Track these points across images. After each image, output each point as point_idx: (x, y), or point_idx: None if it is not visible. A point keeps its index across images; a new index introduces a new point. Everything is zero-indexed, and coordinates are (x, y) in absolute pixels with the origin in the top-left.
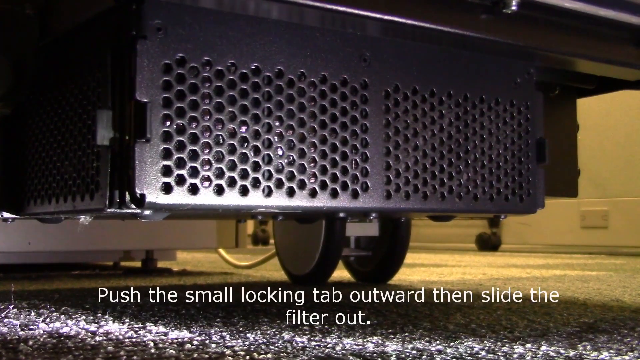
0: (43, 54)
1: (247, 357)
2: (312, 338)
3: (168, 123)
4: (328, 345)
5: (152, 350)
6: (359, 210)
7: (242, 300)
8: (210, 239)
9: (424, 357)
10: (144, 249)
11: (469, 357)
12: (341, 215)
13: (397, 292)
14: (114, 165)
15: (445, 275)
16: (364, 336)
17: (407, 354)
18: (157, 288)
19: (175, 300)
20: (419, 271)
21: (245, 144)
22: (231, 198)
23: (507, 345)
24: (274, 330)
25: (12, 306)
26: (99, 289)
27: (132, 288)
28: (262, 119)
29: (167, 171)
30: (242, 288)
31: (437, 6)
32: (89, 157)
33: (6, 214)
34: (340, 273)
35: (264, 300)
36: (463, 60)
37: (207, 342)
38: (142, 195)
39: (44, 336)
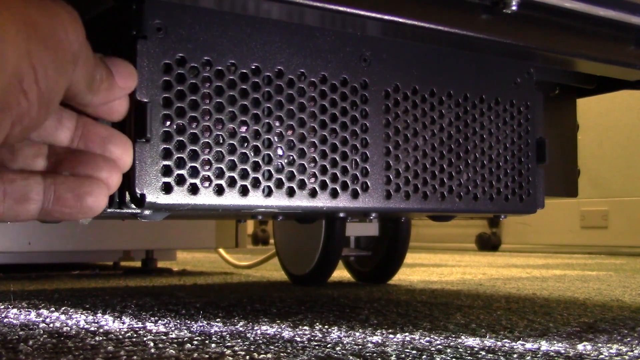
0: None
1: (247, 357)
2: (312, 338)
3: (168, 123)
4: (328, 345)
5: (152, 350)
6: (359, 210)
7: (242, 300)
8: (210, 239)
9: (424, 357)
10: (144, 249)
11: (469, 357)
12: (341, 215)
13: (397, 292)
14: None
15: (445, 275)
16: (364, 336)
17: (407, 353)
18: (157, 288)
19: (175, 300)
20: (419, 271)
21: (245, 144)
22: (231, 198)
23: (507, 345)
24: (274, 330)
25: (12, 306)
26: (99, 288)
27: (132, 288)
28: (262, 119)
29: (167, 171)
30: (242, 288)
31: (437, 6)
32: None
33: None
34: (340, 273)
35: (264, 300)
36: (463, 60)
37: (207, 342)
38: (142, 195)
39: (44, 336)
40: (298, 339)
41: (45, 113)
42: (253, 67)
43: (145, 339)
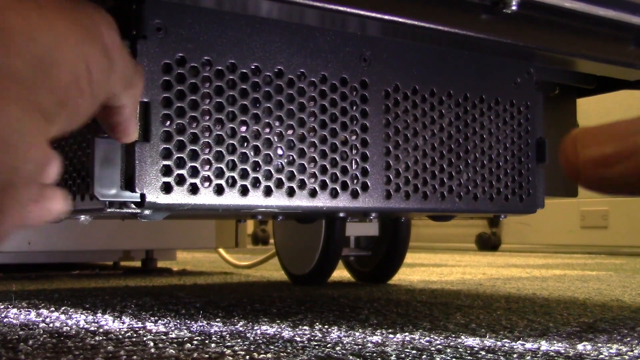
0: None
1: (247, 357)
2: (312, 338)
3: (168, 123)
4: (328, 345)
5: (152, 350)
6: (359, 210)
7: (242, 300)
8: (210, 239)
9: (424, 357)
10: (144, 249)
11: (469, 357)
12: (341, 215)
13: (397, 292)
14: None
15: (445, 275)
16: (364, 336)
17: (407, 353)
18: (157, 288)
19: (175, 300)
20: (419, 271)
21: (245, 144)
22: (231, 198)
23: (507, 345)
24: (274, 330)
25: (12, 306)
26: (99, 288)
27: (132, 288)
28: (262, 118)
29: (167, 171)
30: (242, 288)
31: (437, 6)
32: (89, 157)
33: None
34: (340, 273)
35: (264, 300)
36: (463, 60)
37: (207, 342)
38: (142, 195)
39: (44, 336)
40: (298, 339)
41: (91, 111)
42: (253, 67)
43: (145, 338)
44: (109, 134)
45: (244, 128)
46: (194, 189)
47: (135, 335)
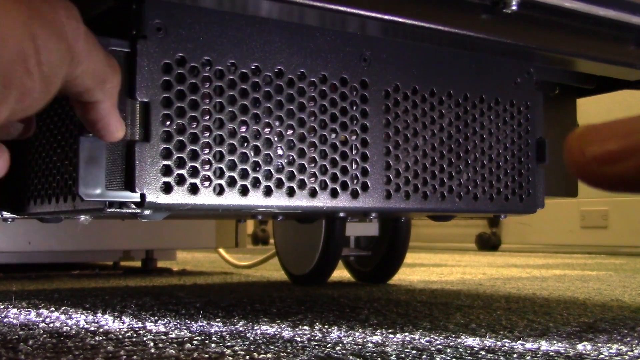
0: None
1: (247, 357)
2: (312, 338)
3: (168, 123)
4: (328, 345)
5: (152, 350)
6: (359, 210)
7: (242, 300)
8: (210, 239)
9: (424, 357)
10: (144, 249)
11: (468, 357)
12: (341, 215)
13: (397, 292)
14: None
15: (445, 275)
16: (364, 336)
17: (407, 353)
18: (157, 288)
19: (175, 300)
20: (419, 271)
21: (245, 144)
22: (231, 198)
23: (507, 345)
24: (274, 330)
25: (12, 306)
26: (99, 288)
27: (132, 288)
28: (262, 118)
29: (167, 171)
30: (242, 288)
31: (437, 6)
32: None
33: (6, 214)
34: (340, 273)
35: (264, 300)
36: (463, 60)
37: (207, 342)
38: (142, 195)
39: (44, 336)
40: (298, 339)
41: (45, 97)
42: (253, 67)
43: (145, 338)
44: (92, 133)
45: (244, 128)
46: (194, 189)
47: (135, 335)
